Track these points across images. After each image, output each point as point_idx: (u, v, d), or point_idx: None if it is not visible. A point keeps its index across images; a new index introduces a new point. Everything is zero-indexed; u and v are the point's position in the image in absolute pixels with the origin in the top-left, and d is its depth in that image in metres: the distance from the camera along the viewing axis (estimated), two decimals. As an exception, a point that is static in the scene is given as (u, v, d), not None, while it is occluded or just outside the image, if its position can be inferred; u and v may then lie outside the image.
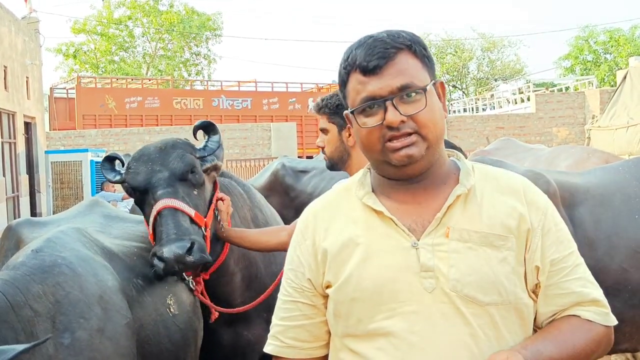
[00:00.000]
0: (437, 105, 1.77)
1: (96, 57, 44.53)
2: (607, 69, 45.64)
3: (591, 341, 1.74)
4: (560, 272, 1.76)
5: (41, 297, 2.16)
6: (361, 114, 1.77)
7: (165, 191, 3.09)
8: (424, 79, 1.75)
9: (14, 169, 18.50)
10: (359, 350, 1.76)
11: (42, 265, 2.28)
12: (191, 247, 2.93)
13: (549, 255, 1.76)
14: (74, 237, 2.62)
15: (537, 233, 1.76)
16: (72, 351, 2.15)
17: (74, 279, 2.30)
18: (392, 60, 1.72)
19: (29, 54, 20.55)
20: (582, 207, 3.60)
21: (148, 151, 3.26)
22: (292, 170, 6.35)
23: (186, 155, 3.22)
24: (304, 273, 1.86)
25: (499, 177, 1.85)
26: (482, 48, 54.80)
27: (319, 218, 1.89)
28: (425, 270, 1.71)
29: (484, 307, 1.69)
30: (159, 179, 3.13)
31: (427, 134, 1.73)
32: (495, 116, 29.06)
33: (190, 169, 3.19)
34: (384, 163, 1.78)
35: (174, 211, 3.04)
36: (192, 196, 3.16)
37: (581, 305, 1.76)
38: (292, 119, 29.17)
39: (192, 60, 47.38)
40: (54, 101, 28.99)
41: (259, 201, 4.00)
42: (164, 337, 2.72)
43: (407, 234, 1.75)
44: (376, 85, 1.73)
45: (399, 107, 1.71)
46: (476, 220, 1.75)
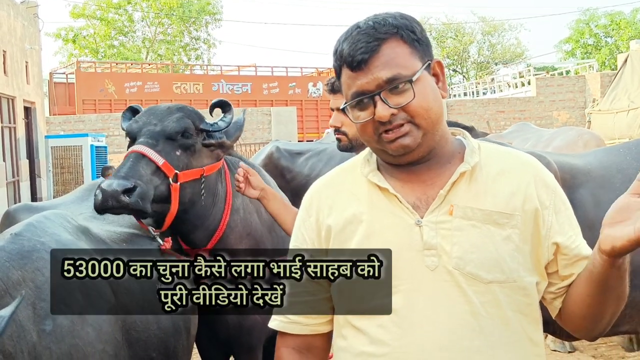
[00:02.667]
0: (429, 89, 1.74)
1: (95, 42, 44.39)
2: (608, 53, 45.49)
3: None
4: (571, 256, 1.76)
5: (21, 283, 2.11)
6: (354, 108, 1.77)
7: (144, 140, 3.15)
8: (413, 65, 1.72)
9: (14, 154, 18.48)
10: (361, 327, 1.76)
11: (21, 250, 2.24)
12: (132, 190, 2.92)
13: (565, 232, 1.76)
14: (55, 222, 2.57)
15: (549, 210, 1.75)
16: (53, 338, 2.12)
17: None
18: (377, 53, 1.70)
19: (28, 39, 20.49)
20: (583, 188, 3.60)
21: (158, 108, 3.33)
22: (287, 152, 6.33)
23: (184, 119, 3.26)
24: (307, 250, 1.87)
25: (505, 156, 1.84)
26: (482, 32, 54.66)
27: (324, 195, 1.89)
28: (428, 248, 1.71)
29: (486, 285, 1.69)
30: (148, 130, 3.19)
31: (420, 122, 1.72)
32: (495, 100, 28.98)
33: (182, 131, 3.22)
34: (382, 152, 1.79)
35: (140, 156, 3.07)
36: (173, 154, 3.17)
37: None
38: (292, 104, 29.15)
39: (192, 45, 47.25)
40: (53, 86, 28.93)
41: (268, 182, 3.99)
42: (152, 323, 2.68)
43: (411, 212, 1.74)
44: (364, 80, 1.71)
45: (389, 100, 1.70)
46: (480, 198, 1.74)
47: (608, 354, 6.14)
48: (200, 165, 3.29)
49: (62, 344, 2.15)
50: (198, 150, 3.29)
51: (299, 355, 1.90)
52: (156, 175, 3.08)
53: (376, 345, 1.72)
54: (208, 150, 3.35)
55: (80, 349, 2.21)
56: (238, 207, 3.51)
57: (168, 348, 2.80)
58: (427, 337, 1.67)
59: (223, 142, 3.39)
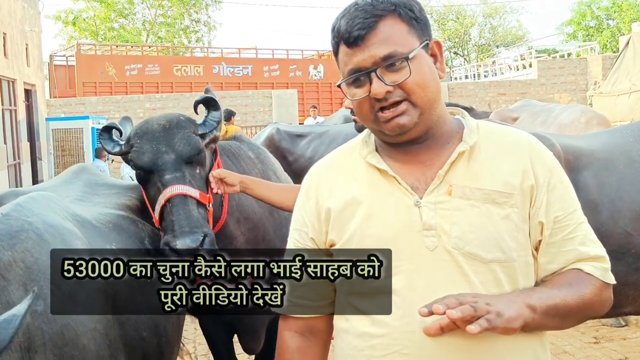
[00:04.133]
0: (426, 68, 1.74)
1: (95, 24, 44.23)
2: (610, 35, 45.32)
3: (596, 295, 1.73)
4: (564, 230, 1.76)
5: (12, 264, 2.10)
6: (351, 85, 1.76)
7: (173, 176, 3.05)
8: (410, 43, 1.71)
9: (15, 137, 18.47)
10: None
11: (10, 230, 2.22)
12: (203, 240, 2.93)
13: (552, 212, 1.75)
14: (42, 203, 2.55)
15: (542, 189, 1.75)
16: (45, 318, 2.11)
17: (41, 244, 2.25)
18: (374, 29, 1.69)
19: (28, 21, 20.42)
20: (587, 170, 3.59)
21: (152, 128, 3.17)
22: (288, 134, 6.32)
23: (191, 137, 3.16)
24: (307, 232, 1.88)
25: (504, 135, 1.84)
26: (483, 14, 54.47)
27: (323, 177, 1.90)
28: (427, 229, 1.71)
29: (486, 264, 1.69)
30: (165, 161, 3.08)
31: (416, 100, 1.71)
32: (496, 82, 28.94)
33: (197, 152, 3.15)
34: (379, 132, 1.79)
35: (184, 199, 3.01)
36: (196, 177, 3.13)
37: (582, 261, 1.76)
38: (293, 86, 29.07)
39: (192, 27, 47.06)
40: (53, 69, 28.86)
41: (272, 164, 3.98)
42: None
43: (410, 193, 1.75)
44: (360, 57, 1.71)
45: (385, 77, 1.69)
46: (479, 177, 1.74)
47: (609, 335, 6.17)
48: (209, 169, 3.26)
49: (54, 324, 2.14)
50: (206, 159, 3.26)
51: (301, 338, 1.91)
52: (200, 208, 3.07)
53: (377, 326, 1.74)
54: (208, 149, 3.31)
55: (71, 328, 2.21)
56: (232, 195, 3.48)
57: (158, 327, 2.81)
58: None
59: (215, 136, 3.33)
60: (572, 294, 1.69)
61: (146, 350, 2.70)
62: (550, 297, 1.66)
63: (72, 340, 2.20)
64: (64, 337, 2.17)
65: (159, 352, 2.81)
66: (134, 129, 3.25)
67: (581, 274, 1.74)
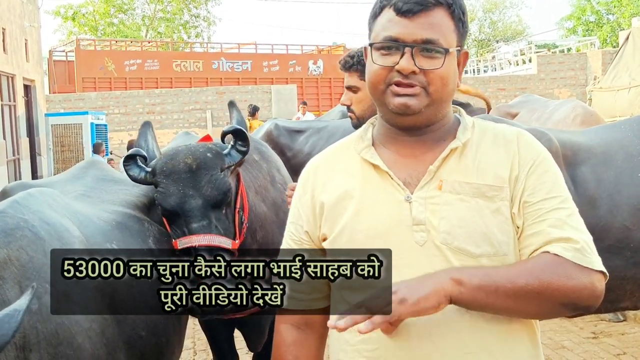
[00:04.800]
0: (452, 69, 1.76)
1: (95, 20, 44.20)
2: (610, 30, 45.25)
3: (563, 277, 1.60)
4: (534, 214, 1.70)
5: (7, 262, 2.09)
6: (379, 50, 1.76)
7: (199, 226, 2.95)
8: (452, 40, 1.74)
9: (14, 132, 18.47)
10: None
11: (5, 227, 2.20)
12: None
13: (523, 198, 1.71)
14: (40, 199, 2.53)
15: (520, 179, 1.73)
16: (40, 317, 2.10)
17: (36, 242, 2.23)
18: (428, 10, 1.71)
19: (27, 16, 20.39)
20: (585, 165, 3.60)
21: (178, 168, 3.04)
22: (286, 130, 6.30)
23: (219, 179, 3.03)
24: (302, 226, 1.89)
25: (496, 131, 1.84)
26: (483, 9, 54.46)
27: (319, 172, 1.91)
28: (416, 224, 1.71)
29: (475, 259, 1.68)
30: (192, 207, 2.97)
31: (432, 92, 1.72)
32: (496, 77, 28.93)
33: (224, 195, 3.04)
34: (383, 106, 1.79)
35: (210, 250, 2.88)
36: (222, 220, 3.04)
37: (550, 243, 1.66)
38: (293, 81, 29.02)
39: (192, 23, 47.05)
40: (53, 64, 28.85)
41: (275, 161, 3.95)
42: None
43: (401, 188, 1.75)
44: (404, 29, 1.71)
45: (416, 58, 1.70)
46: (470, 172, 1.74)
47: (608, 330, 6.17)
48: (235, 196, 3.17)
49: (49, 323, 2.13)
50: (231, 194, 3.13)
51: (297, 332, 1.92)
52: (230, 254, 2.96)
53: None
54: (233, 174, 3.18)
55: (66, 327, 2.19)
56: (251, 205, 3.42)
57: (157, 327, 2.77)
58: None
59: (242, 161, 3.21)
60: (524, 274, 1.61)
61: (144, 349, 2.68)
62: (487, 274, 1.61)
63: (67, 339, 2.19)
64: (59, 336, 2.16)
65: (157, 351, 2.79)
66: (160, 162, 3.11)
67: (546, 256, 1.64)
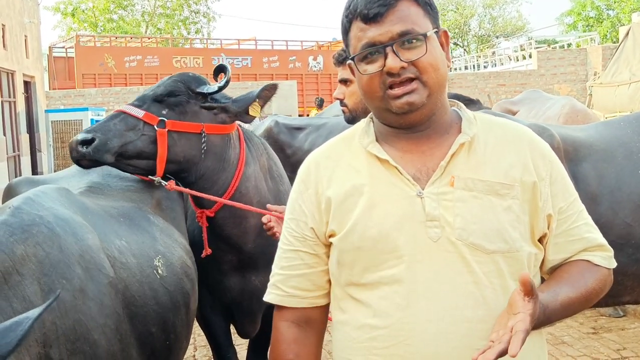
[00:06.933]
0: (438, 52, 1.76)
1: (95, 16, 44.15)
2: (610, 25, 45.20)
3: (599, 282, 1.79)
4: (568, 220, 1.81)
5: (25, 259, 2.10)
6: (362, 61, 1.77)
7: (131, 102, 3.37)
8: (426, 26, 1.74)
9: (14, 128, 18.47)
10: (362, 299, 1.77)
11: (22, 224, 2.21)
12: (90, 141, 3.13)
13: (557, 204, 1.79)
14: (52, 196, 2.56)
15: (546, 182, 1.78)
16: (58, 313, 2.11)
17: (52, 238, 2.25)
18: (393, 7, 1.72)
19: (27, 12, 20.38)
20: (586, 162, 3.60)
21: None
22: (286, 127, 6.29)
23: (175, 82, 3.39)
24: (306, 222, 1.87)
25: (503, 127, 1.85)
26: (483, 5, 54.38)
27: (322, 167, 1.88)
28: (430, 220, 1.71)
29: (489, 255, 1.70)
30: (141, 95, 3.40)
31: (427, 80, 1.72)
32: (496, 73, 28.86)
33: (168, 93, 3.34)
34: (385, 111, 1.78)
35: (117, 114, 3.31)
36: (158, 112, 3.31)
37: (588, 251, 1.82)
38: (293, 77, 28.99)
39: (192, 19, 46.98)
40: (53, 60, 28.84)
41: (273, 155, 4.01)
42: (150, 298, 2.65)
43: (412, 183, 1.75)
44: (376, 32, 1.72)
45: (400, 53, 1.71)
46: (481, 168, 1.75)
47: (608, 325, 6.18)
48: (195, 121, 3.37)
49: (66, 319, 2.14)
50: (192, 111, 3.37)
51: (297, 329, 1.90)
52: (135, 129, 3.25)
53: (379, 317, 1.73)
54: (210, 113, 3.40)
55: (83, 323, 2.21)
56: (249, 175, 3.53)
57: (167, 323, 2.79)
58: (430, 307, 1.68)
59: (226, 106, 3.41)
60: (576, 287, 1.74)
61: (155, 346, 2.69)
62: (556, 294, 1.70)
63: (84, 335, 2.21)
64: (76, 332, 2.18)
65: (167, 347, 2.80)
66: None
67: (590, 266, 1.80)
